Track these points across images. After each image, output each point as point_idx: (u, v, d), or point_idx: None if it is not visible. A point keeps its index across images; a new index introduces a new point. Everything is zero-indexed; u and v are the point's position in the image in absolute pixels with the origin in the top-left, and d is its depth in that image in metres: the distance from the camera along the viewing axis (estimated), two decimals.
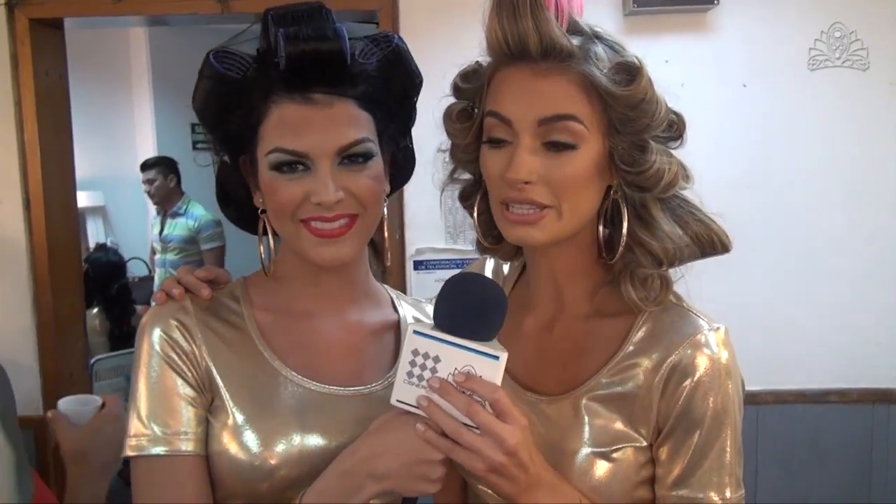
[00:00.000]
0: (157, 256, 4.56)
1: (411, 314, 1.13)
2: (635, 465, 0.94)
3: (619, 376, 0.95)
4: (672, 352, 0.93)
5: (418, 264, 2.58)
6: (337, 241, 0.95)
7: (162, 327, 0.96)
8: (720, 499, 0.91)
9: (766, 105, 2.52)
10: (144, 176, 4.47)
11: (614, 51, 0.92)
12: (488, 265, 1.17)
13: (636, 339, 0.96)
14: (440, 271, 2.57)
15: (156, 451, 0.92)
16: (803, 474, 2.63)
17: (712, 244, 0.97)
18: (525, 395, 1.00)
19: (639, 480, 0.95)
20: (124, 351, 3.73)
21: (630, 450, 0.94)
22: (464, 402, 0.84)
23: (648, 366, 0.94)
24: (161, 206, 4.52)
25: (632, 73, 0.90)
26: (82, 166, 3.18)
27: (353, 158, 0.94)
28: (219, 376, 0.96)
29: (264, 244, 1.02)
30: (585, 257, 1.00)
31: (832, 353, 2.59)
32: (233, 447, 0.94)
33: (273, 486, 0.94)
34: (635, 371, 0.95)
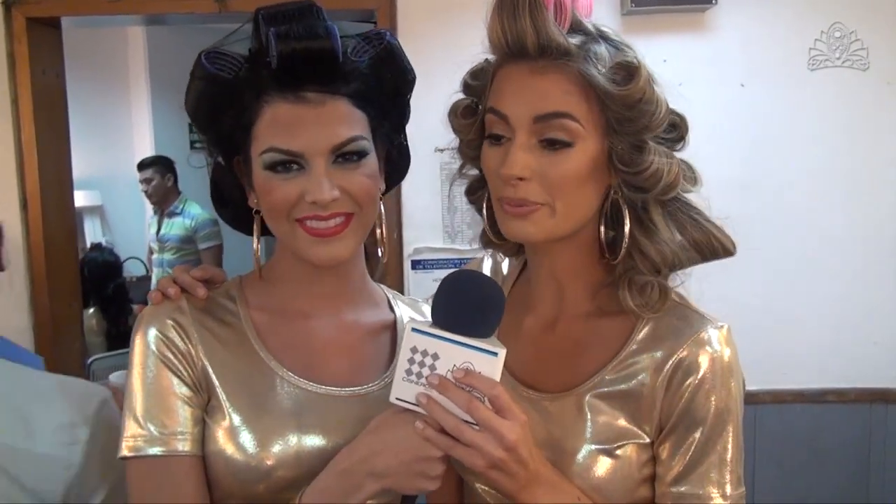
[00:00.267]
0: (155, 256, 4.55)
1: (408, 314, 1.13)
2: (637, 462, 0.94)
3: (623, 373, 0.96)
4: (676, 350, 0.93)
5: (416, 264, 2.57)
6: (333, 240, 0.95)
7: (158, 327, 0.96)
8: (720, 495, 0.91)
9: (765, 105, 2.52)
10: (141, 175, 4.46)
11: (617, 49, 0.93)
12: (486, 264, 1.17)
13: (639, 337, 0.97)
14: (438, 271, 2.57)
15: (152, 451, 0.92)
16: (801, 474, 2.63)
17: (713, 250, 0.97)
18: (526, 392, 1.00)
19: (640, 478, 0.95)
20: (122, 350, 3.72)
21: (633, 447, 0.94)
22: (464, 398, 0.84)
23: (652, 363, 0.94)
24: (158, 206, 4.51)
25: (630, 72, 0.90)
26: (79, 166, 3.17)
27: (347, 157, 0.94)
28: (215, 376, 0.96)
29: (255, 245, 1.01)
30: (586, 257, 1.00)
31: (830, 352, 2.59)
32: (229, 448, 0.93)
33: (270, 487, 0.94)
34: (639, 368, 0.95)
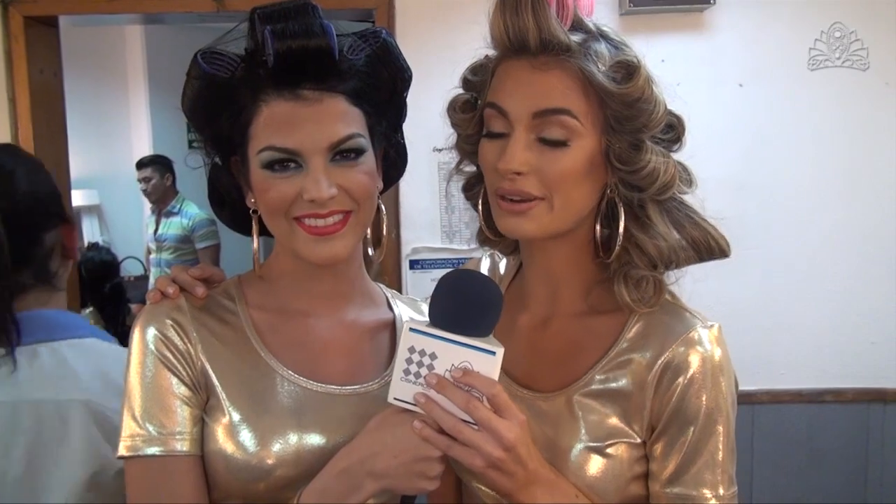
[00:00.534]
0: (152, 256, 4.55)
1: (407, 313, 1.13)
2: (628, 460, 0.94)
3: (613, 373, 0.96)
4: (665, 349, 0.93)
5: (414, 264, 2.57)
6: (331, 239, 0.95)
7: (157, 326, 0.95)
8: (713, 496, 0.91)
9: (764, 105, 2.52)
10: (141, 174, 4.45)
11: (617, 49, 0.93)
12: (484, 264, 1.17)
13: (630, 335, 0.97)
14: (436, 271, 2.56)
15: (151, 451, 0.92)
16: (799, 474, 2.63)
17: (709, 249, 0.98)
18: (520, 391, 1.00)
19: (631, 476, 0.95)
20: None
21: (623, 446, 0.94)
22: (462, 397, 0.84)
23: (642, 363, 0.95)
24: (156, 205, 4.51)
25: (629, 70, 0.91)
26: (77, 165, 3.17)
27: (345, 154, 0.93)
28: (214, 375, 0.95)
29: (254, 245, 1.01)
30: (581, 255, 1.00)
31: (828, 352, 2.59)
32: (229, 447, 0.93)
33: (270, 486, 0.93)
34: (629, 368, 0.95)
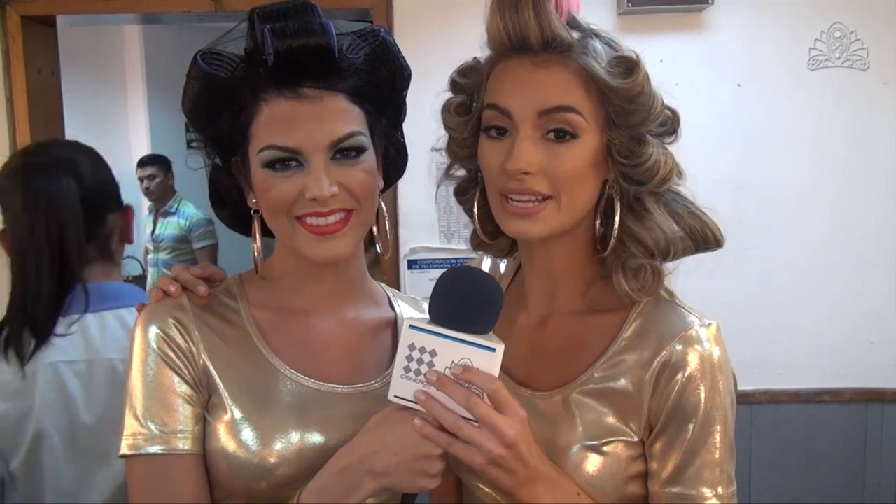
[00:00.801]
0: (150, 256, 4.54)
1: (408, 312, 1.13)
2: (626, 459, 0.94)
3: (611, 371, 0.96)
4: (663, 348, 0.93)
5: (412, 264, 2.57)
6: (333, 238, 0.95)
7: (159, 324, 0.95)
8: (713, 495, 0.91)
9: (763, 105, 2.52)
10: (143, 172, 4.44)
11: (611, 47, 0.93)
12: (485, 263, 1.18)
13: (627, 334, 0.97)
14: (434, 271, 2.57)
15: (152, 449, 0.92)
16: (797, 474, 2.64)
17: (706, 238, 0.98)
18: (519, 390, 1.00)
19: (629, 475, 0.95)
20: None
21: (621, 444, 0.94)
22: (462, 394, 0.84)
23: (639, 361, 0.94)
24: (156, 204, 4.50)
25: (629, 66, 0.91)
26: None
27: (345, 153, 0.94)
28: (216, 373, 0.95)
29: (256, 245, 1.01)
30: (581, 253, 1.00)
31: (826, 352, 2.60)
32: (231, 445, 0.93)
33: (271, 484, 0.93)
34: (626, 366, 0.95)
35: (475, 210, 1.04)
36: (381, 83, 0.98)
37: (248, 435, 0.93)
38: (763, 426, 2.60)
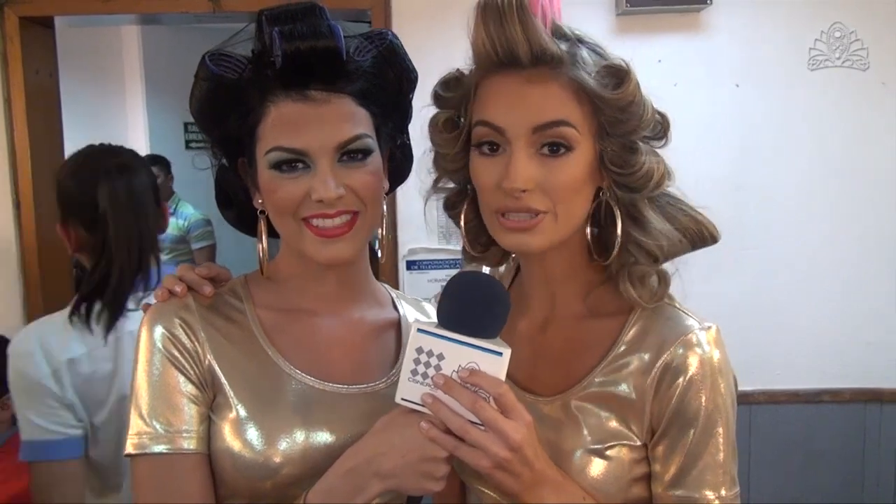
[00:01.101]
0: None
1: (412, 313, 1.13)
2: (629, 463, 0.94)
3: (612, 376, 0.96)
4: (664, 352, 0.93)
5: (411, 264, 2.57)
6: (339, 241, 0.95)
7: (164, 324, 0.95)
8: (716, 497, 0.91)
9: (762, 106, 2.52)
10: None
11: (598, 54, 0.93)
12: (486, 267, 1.17)
13: (627, 338, 0.97)
14: (433, 271, 2.57)
15: (158, 449, 0.92)
16: (796, 474, 2.64)
17: (702, 236, 0.98)
18: (522, 395, 1.00)
19: (632, 478, 0.95)
20: None
21: (624, 448, 0.94)
22: (469, 397, 0.84)
23: (640, 365, 0.95)
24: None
25: (620, 76, 0.91)
26: None
27: (352, 155, 0.94)
28: (222, 373, 0.96)
29: (262, 245, 1.02)
30: (578, 260, 1.00)
31: (825, 353, 2.60)
32: (236, 444, 0.93)
33: (276, 484, 0.94)
34: (627, 371, 0.95)
35: (462, 224, 1.03)
36: (387, 86, 0.99)
37: (253, 434, 0.93)
38: (762, 426, 2.60)
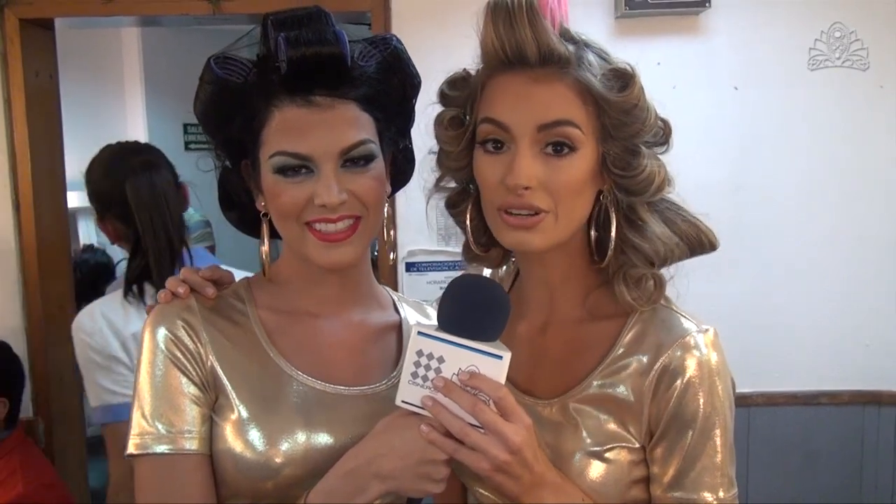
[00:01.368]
0: None
1: (413, 316, 1.14)
2: (628, 465, 0.95)
3: (610, 378, 0.96)
4: (662, 354, 0.94)
5: (410, 266, 2.57)
6: (341, 245, 0.96)
7: (167, 326, 0.96)
8: (714, 499, 0.92)
9: (761, 107, 2.52)
10: None
11: (602, 58, 0.94)
12: (485, 270, 1.17)
13: (625, 341, 0.97)
14: (432, 273, 2.57)
15: (160, 449, 0.92)
16: (794, 476, 2.64)
17: (700, 243, 0.99)
18: (521, 398, 1.00)
19: (631, 480, 0.95)
20: None
21: (623, 450, 0.95)
22: (469, 400, 0.84)
23: (638, 368, 0.95)
24: None
25: (625, 79, 0.92)
26: (73, 167, 3.14)
27: (355, 160, 0.95)
28: (224, 375, 0.96)
29: (264, 248, 1.02)
30: (577, 262, 1.01)
31: (823, 355, 2.59)
32: (238, 445, 0.94)
33: (278, 485, 0.94)
34: (625, 373, 0.96)
35: (468, 223, 1.04)
36: (391, 91, 1.00)
37: (254, 435, 0.94)
38: (760, 428, 2.60)
